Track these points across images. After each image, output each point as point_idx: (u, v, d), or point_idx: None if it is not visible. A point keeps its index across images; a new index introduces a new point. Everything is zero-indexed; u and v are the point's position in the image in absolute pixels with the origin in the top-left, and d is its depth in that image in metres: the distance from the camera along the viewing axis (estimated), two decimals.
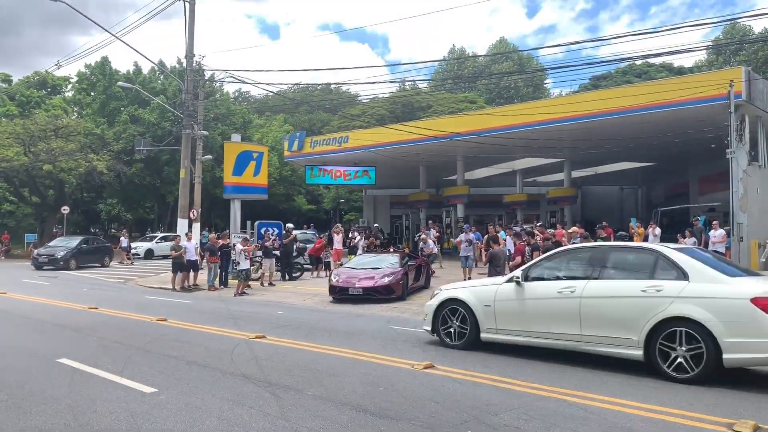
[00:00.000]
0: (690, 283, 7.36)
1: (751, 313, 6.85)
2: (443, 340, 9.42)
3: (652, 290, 7.50)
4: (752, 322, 6.84)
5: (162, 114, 41.88)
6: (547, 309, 8.39)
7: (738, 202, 20.27)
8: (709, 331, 6.96)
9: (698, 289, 7.26)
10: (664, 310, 7.31)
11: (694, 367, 7.07)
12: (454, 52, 70.66)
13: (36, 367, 7.87)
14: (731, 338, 6.89)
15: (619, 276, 8.04)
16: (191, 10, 23.55)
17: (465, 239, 19.05)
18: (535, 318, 8.52)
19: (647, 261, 7.98)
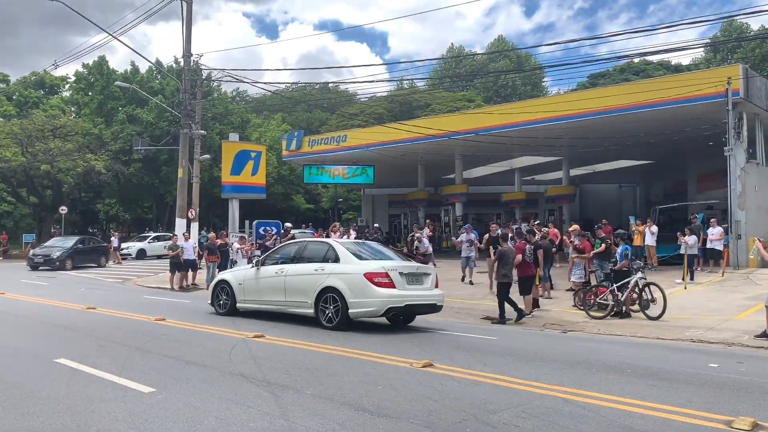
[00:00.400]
0: (339, 264, 11.13)
1: (364, 283, 10.60)
2: (216, 310, 12.96)
3: (319, 270, 11.26)
4: (365, 289, 10.59)
5: (160, 114, 41.84)
6: (269, 284, 12.09)
7: (736, 200, 20.29)
8: (343, 295, 10.65)
9: (341, 269, 11.03)
10: (323, 282, 11.00)
11: (335, 318, 10.74)
12: (452, 51, 70.65)
13: (34, 367, 7.85)
14: (354, 299, 10.60)
15: (306, 261, 11.85)
16: (188, 9, 23.53)
17: (466, 239, 18.83)
18: (263, 290, 12.23)
19: (323, 250, 11.83)
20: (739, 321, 11.18)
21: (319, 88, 66.24)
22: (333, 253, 11.47)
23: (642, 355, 8.85)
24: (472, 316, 13.39)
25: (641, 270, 13.00)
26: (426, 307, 11.48)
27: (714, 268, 19.36)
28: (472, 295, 16.56)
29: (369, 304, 10.62)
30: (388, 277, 10.71)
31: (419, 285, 11.29)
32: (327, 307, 10.87)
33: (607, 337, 10.86)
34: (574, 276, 14.69)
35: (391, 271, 10.81)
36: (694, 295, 15.20)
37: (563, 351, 9.18)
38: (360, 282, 10.64)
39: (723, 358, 8.70)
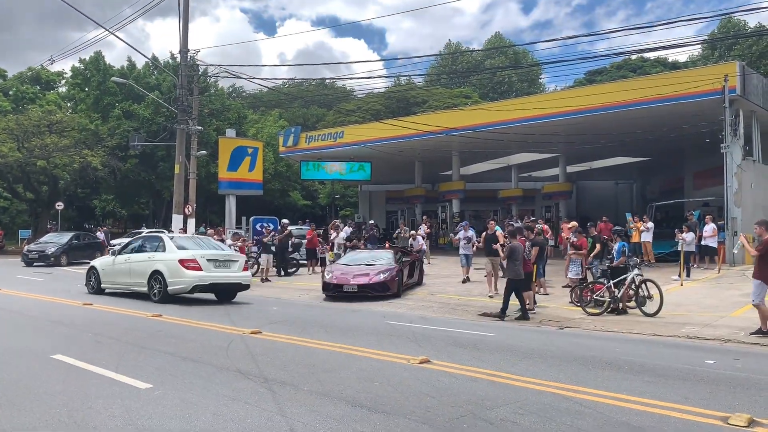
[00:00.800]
0: (164, 253, 14.69)
1: (178, 267, 14.16)
2: (88, 290, 16.19)
3: (151, 257, 14.89)
4: (178, 271, 14.15)
5: (156, 109, 41.71)
6: (120, 270, 15.60)
7: (732, 197, 20.34)
8: (164, 276, 14.25)
9: (165, 256, 14.60)
10: (152, 267, 14.60)
11: (159, 294, 14.25)
12: (450, 47, 70.58)
13: (31, 363, 7.83)
14: (171, 279, 14.16)
15: (145, 251, 15.38)
16: (185, 5, 23.46)
17: (464, 236, 18.57)
18: (117, 274, 15.75)
19: (156, 243, 15.43)
20: (735, 318, 11.22)
21: (316, 84, 66.10)
22: (162, 245, 15.03)
23: (638, 352, 8.87)
24: (468, 313, 13.41)
25: (638, 267, 13.02)
26: (230, 285, 14.95)
27: (709, 265, 19.41)
28: (468, 291, 16.58)
29: (181, 282, 14.11)
30: (196, 262, 14.19)
31: (226, 269, 14.79)
32: (154, 286, 14.40)
33: (603, 333, 10.88)
34: (570, 272, 14.72)
35: (199, 258, 14.30)
36: (690, 291, 15.24)
37: (560, 347, 9.20)
38: (175, 266, 14.15)
39: (719, 355, 8.73)
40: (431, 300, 15.35)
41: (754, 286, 9.91)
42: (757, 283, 9.88)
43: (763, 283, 9.80)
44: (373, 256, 17.43)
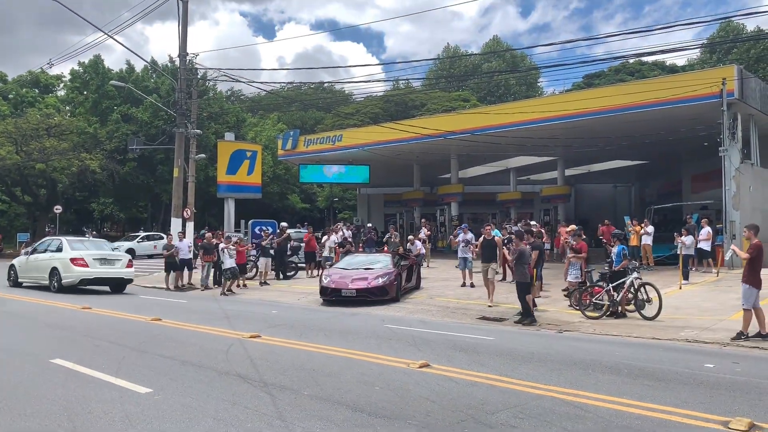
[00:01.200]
0: (61, 253, 18.07)
1: (69, 264, 17.62)
2: (8, 285, 19.55)
3: (51, 256, 18.34)
4: (69, 267, 17.60)
5: (155, 113, 41.73)
6: (32, 266, 19.14)
7: (731, 200, 20.37)
8: (60, 271, 17.68)
9: (61, 255, 18.00)
10: (51, 264, 18.07)
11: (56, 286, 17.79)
12: (448, 50, 70.68)
13: (30, 368, 7.82)
14: (64, 273, 17.60)
15: (49, 251, 18.72)
16: (184, 9, 23.46)
17: (463, 239, 18.45)
18: (29, 270, 19.29)
19: (57, 244, 18.80)
20: (734, 321, 11.22)
21: (315, 87, 66.17)
22: (61, 246, 18.51)
23: (638, 356, 8.88)
24: (468, 316, 13.41)
25: (637, 270, 13.03)
26: (113, 279, 18.47)
27: (707, 269, 19.43)
28: (468, 295, 16.56)
29: (71, 276, 17.63)
30: (84, 260, 17.72)
31: (110, 266, 18.32)
32: (52, 279, 17.94)
33: (602, 337, 10.88)
34: (570, 276, 14.71)
35: (86, 257, 17.83)
36: (689, 295, 15.25)
37: (559, 351, 9.20)
38: (67, 263, 17.65)
39: (718, 358, 8.74)
40: (430, 303, 15.34)
41: (744, 290, 9.96)
42: (746, 287, 9.93)
43: (752, 287, 9.86)
44: (371, 260, 17.26)
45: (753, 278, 9.89)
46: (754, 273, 9.92)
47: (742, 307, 10.03)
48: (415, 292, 17.42)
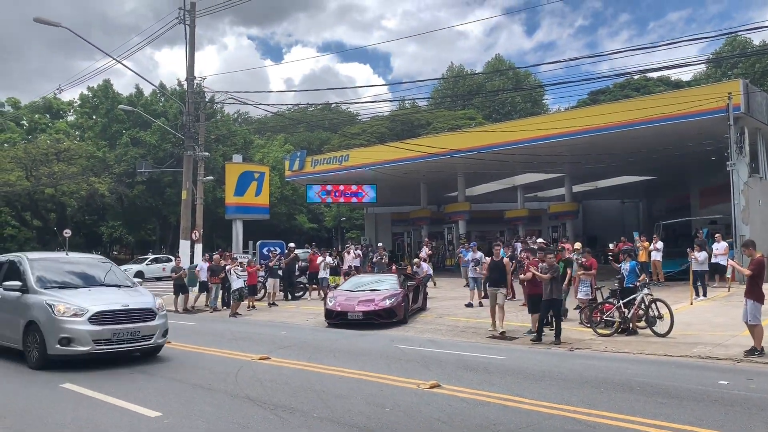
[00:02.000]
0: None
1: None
2: None
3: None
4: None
5: (163, 136, 42.08)
6: None
7: (740, 214, 20.25)
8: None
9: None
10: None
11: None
12: (452, 70, 71.08)
13: (40, 392, 7.83)
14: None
15: None
16: (191, 33, 23.75)
17: (472, 258, 17.91)
18: None
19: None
20: (747, 337, 11.09)
21: (321, 108, 66.58)
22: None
23: (650, 373, 8.79)
24: (478, 335, 13.32)
25: (647, 286, 12.94)
26: None
27: (720, 283, 19.27)
28: (477, 314, 16.46)
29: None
30: None
31: None
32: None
33: (614, 354, 10.79)
34: (580, 293, 14.61)
35: None
36: (701, 310, 15.12)
37: (571, 369, 9.13)
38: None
39: (732, 375, 8.64)
40: (440, 323, 15.25)
41: (749, 306, 9.88)
42: (750, 302, 9.86)
43: (756, 302, 9.80)
44: (377, 281, 16.86)
45: (756, 293, 9.84)
46: (757, 288, 9.87)
47: (750, 323, 9.95)
48: (422, 312, 17.17)
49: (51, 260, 11.18)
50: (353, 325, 14.62)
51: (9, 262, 10.96)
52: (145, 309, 9.88)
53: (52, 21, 20.10)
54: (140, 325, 9.66)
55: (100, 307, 9.39)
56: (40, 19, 19.72)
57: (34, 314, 9.46)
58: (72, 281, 10.45)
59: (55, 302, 9.34)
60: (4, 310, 10.16)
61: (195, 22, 23.92)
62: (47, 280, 10.16)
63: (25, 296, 9.83)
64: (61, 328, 9.11)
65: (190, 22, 23.69)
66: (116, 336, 9.37)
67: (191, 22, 23.72)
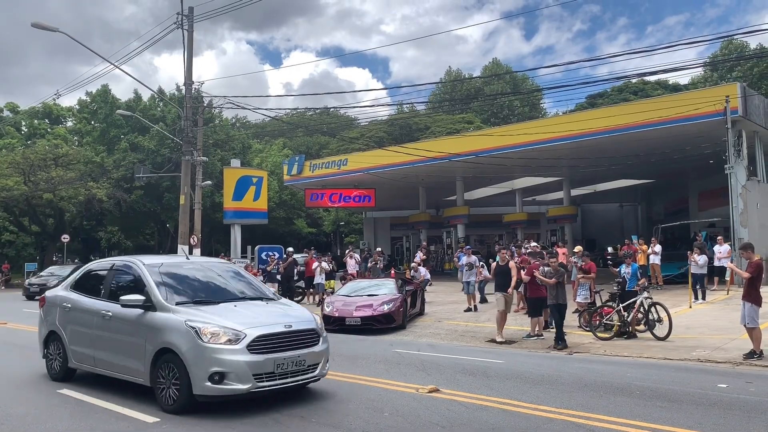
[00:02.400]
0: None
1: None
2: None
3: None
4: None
5: (161, 141, 42.04)
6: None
7: (738, 217, 20.28)
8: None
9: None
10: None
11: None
12: (450, 74, 71.19)
13: (38, 397, 7.80)
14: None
15: None
16: (189, 38, 23.74)
17: (466, 262, 17.89)
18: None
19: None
20: (746, 340, 11.08)
21: (320, 112, 66.62)
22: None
23: (649, 377, 8.77)
24: (477, 339, 13.31)
25: (646, 289, 12.93)
26: None
27: (718, 287, 19.27)
28: (476, 317, 16.45)
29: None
30: None
31: None
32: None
33: (613, 358, 10.77)
34: (579, 297, 14.60)
35: None
36: (700, 314, 15.11)
37: (570, 373, 9.11)
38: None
39: (731, 378, 8.62)
40: (438, 327, 15.23)
41: (747, 309, 9.88)
42: (748, 305, 9.86)
43: (754, 305, 9.81)
44: (375, 285, 16.72)
45: (754, 296, 9.84)
46: (755, 291, 9.87)
47: (748, 326, 9.94)
48: (420, 317, 17.10)
49: (173, 266, 8.47)
50: (351, 330, 14.50)
51: (118, 269, 8.53)
52: (309, 330, 7.43)
53: (50, 26, 20.09)
54: (305, 351, 7.20)
55: (260, 330, 6.91)
56: (38, 24, 19.71)
57: (169, 340, 6.91)
58: (207, 294, 7.95)
59: (200, 323, 6.86)
60: (121, 332, 7.63)
61: (193, 27, 23.92)
62: (177, 292, 7.72)
63: (151, 315, 7.27)
64: (213, 359, 6.62)
65: (189, 26, 23.70)
66: (280, 368, 6.88)
67: (189, 27, 23.73)
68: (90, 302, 8.33)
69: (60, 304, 8.80)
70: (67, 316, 8.61)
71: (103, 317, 7.88)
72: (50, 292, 9.63)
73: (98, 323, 8.00)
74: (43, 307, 9.29)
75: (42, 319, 9.20)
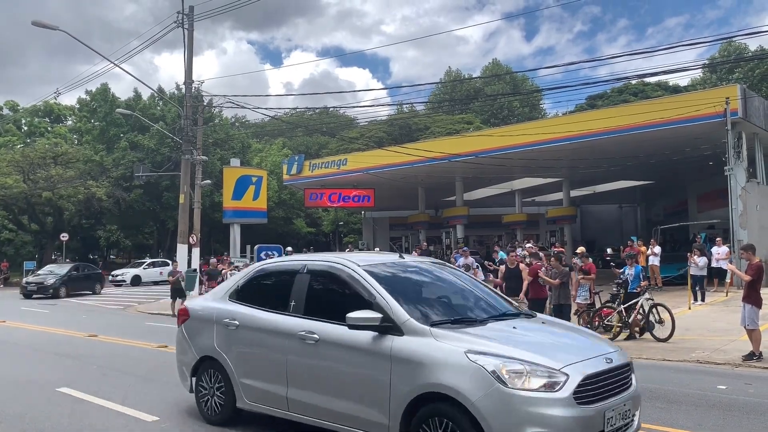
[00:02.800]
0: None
1: None
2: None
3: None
4: None
5: (161, 140, 42.05)
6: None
7: (738, 219, 20.29)
8: None
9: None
10: None
11: None
12: (450, 74, 71.23)
13: (36, 396, 7.78)
14: None
15: None
16: (190, 37, 23.77)
17: (463, 263, 17.95)
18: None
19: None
20: (745, 341, 11.08)
21: (319, 112, 66.63)
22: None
23: (649, 378, 8.75)
24: None
25: (647, 291, 12.93)
26: None
27: (718, 288, 19.28)
28: None
29: None
30: None
31: None
32: None
33: None
34: (578, 297, 14.59)
35: None
36: (699, 315, 15.11)
37: None
38: None
39: (731, 380, 8.62)
40: None
41: (747, 310, 9.88)
42: (748, 307, 9.86)
43: (754, 306, 9.80)
44: None
45: (754, 297, 9.84)
46: (755, 292, 9.86)
47: (748, 328, 9.94)
48: None
49: (395, 268, 6.05)
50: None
51: (317, 272, 6.07)
52: (625, 366, 5.20)
53: (50, 24, 20.10)
54: (625, 395, 4.98)
55: (583, 368, 4.65)
56: (38, 22, 19.72)
57: (440, 380, 4.63)
58: (459, 309, 5.75)
59: (494, 357, 4.58)
60: (343, 363, 5.33)
61: (193, 26, 23.96)
62: (423, 307, 5.46)
63: (398, 341, 5.00)
64: (527, 415, 4.36)
65: (189, 25, 23.72)
66: (609, 424, 4.64)
67: (190, 26, 23.75)
68: (274, 319, 5.89)
69: (218, 320, 6.41)
70: (233, 337, 6.22)
71: (303, 341, 5.51)
72: (197, 303, 7.59)
73: (294, 349, 5.60)
74: (186, 322, 6.99)
75: (185, 340, 6.93)
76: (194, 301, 8.04)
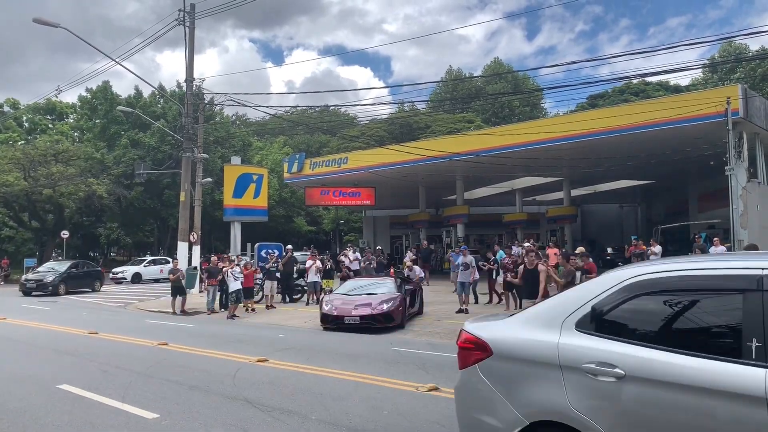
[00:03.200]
0: None
1: None
2: None
3: None
4: None
5: (162, 138, 42.07)
6: None
7: (738, 219, 20.27)
8: None
9: None
10: None
11: None
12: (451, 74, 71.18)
13: (37, 393, 7.79)
14: None
15: None
16: (191, 35, 23.77)
17: (462, 262, 17.64)
18: None
19: None
20: None
21: (320, 110, 66.64)
22: None
23: None
24: None
25: None
26: None
27: None
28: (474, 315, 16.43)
29: None
30: None
31: None
32: None
33: None
34: None
35: None
36: None
37: None
38: None
39: None
40: (437, 326, 15.22)
41: None
42: None
43: None
44: (374, 284, 16.57)
45: None
46: None
47: None
48: (418, 317, 17.03)
49: None
50: (350, 329, 14.42)
51: None
52: None
53: (51, 22, 20.10)
54: None
55: None
56: (39, 19, 19.72)
57: None
58: None
59: None
60: None
61: (195, 24, 23.96)
62: None
63: None
64: None
65: (190, 23, 23.72)
66: None
67: (191, 23, 23.75)
68: (719, 371, 3.20)
69: (571, 365, 3.72)
70: (609, 395, 3.53)
71: None
72: (499, 330, 4.48)
73: None
74: (487, 362, 4.39)
75: (491, 390, 4.29)
76: (494, 328, 4.58)
